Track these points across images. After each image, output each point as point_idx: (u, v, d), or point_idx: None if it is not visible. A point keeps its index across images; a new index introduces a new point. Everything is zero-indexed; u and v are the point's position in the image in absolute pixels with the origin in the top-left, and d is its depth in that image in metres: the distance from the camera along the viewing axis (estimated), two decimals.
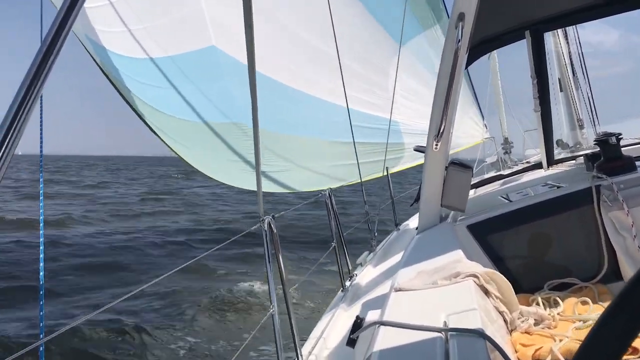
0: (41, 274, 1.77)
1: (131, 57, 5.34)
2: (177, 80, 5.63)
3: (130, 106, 5.25)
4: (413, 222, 5.68)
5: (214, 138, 5.92)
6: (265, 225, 2.57)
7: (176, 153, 5.76)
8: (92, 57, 5.04)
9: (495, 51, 8.90)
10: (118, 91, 5.19)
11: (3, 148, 0.88)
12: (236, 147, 5.99)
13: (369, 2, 7.28)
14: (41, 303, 1.74)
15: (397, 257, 3.50)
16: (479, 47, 3.78)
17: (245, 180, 6.16)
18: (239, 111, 5.73)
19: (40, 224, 1.83)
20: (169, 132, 5.62)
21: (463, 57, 2.69)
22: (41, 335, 1.59)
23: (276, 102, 6.55)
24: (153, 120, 5.43)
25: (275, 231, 2.60)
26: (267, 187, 6.41)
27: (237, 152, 6.00)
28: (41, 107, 1.96)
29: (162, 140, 5.51)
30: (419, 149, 3.46)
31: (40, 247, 1.80)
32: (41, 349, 1.60)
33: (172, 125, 5.70)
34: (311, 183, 7.20)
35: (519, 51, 4.14)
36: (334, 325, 3.03)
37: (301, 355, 2.56)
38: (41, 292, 1.75)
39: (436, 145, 2.81)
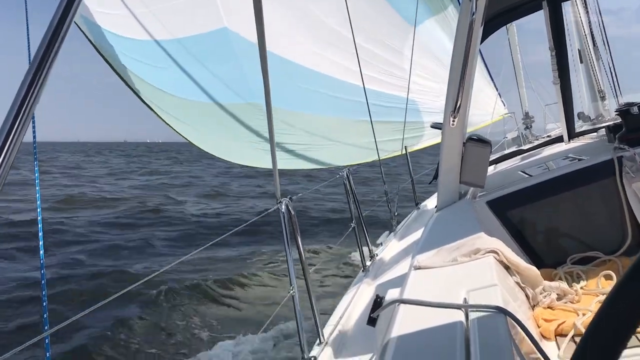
0: (42, 271, 1.73)
1: (131, 38, 5.35)
2: (184, 61, 5.64)
3: (126, 83, 5.22)
4: (433, 201, 5.65)
5: (227, 118, 5.93)
6: (283, 207, 2.57)
7: (179, 133, 5.70)
8: (85, 34, 5.01)
9: (513, 23, 8.73)
10: (112, 68, 5.15)
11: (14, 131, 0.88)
12: (252, 126, 6.01)
13: None
14: (43, 293, 1.72)
15: (417, 236, 3.48)
16: (495, 20, 3.71)
17: (260, 159, 6.16)
18: (254, 92, 5.75)
19: (38, 217, 1.80)
20: (171, 112, 5.59)
21: (478, 30, 2.63)
22: (45, 327, 1.59)
23: (294, 82, 6.59)
24: (153, 99, 5.41)
25: (293, 213, 2.60)
26: (286, 164, 6.45)
27: (253, 132, 6.02)
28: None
29: (161, 118, 5.45)
30: (436, 126, 3.42)
31: (40, 243, 1.77)
32: (47, 341, 1.60)
33: (176, 105, 5.68)
34: (331, 159, 7.24)
35: (539, 20, 4.04)
36: (355, 305, 3.04)
37: (323, 336, 2.57)
38: (43, 282, 1.72)
39: (453, 120, 2.77)
